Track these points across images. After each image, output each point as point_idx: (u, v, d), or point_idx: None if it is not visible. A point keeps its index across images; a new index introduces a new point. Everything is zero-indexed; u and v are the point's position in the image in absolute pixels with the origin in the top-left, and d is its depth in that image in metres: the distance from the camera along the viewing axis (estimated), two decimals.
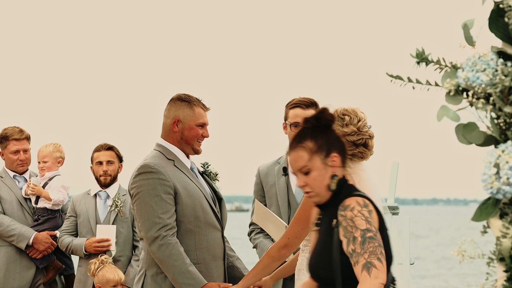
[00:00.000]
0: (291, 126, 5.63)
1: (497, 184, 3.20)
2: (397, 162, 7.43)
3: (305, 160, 3.62)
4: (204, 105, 4.96)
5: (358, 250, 3.48)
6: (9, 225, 6.83)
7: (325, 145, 3.65)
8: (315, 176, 3.62)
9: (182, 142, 4.90)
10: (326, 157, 3.63)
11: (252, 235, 5.86)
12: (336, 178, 3.65)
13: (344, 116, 4.53)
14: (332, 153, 3.65)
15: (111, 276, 6.39)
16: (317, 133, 3.66)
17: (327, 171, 3.63)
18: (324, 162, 3.63)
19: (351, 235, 3.51)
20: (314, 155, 3.62)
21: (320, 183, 3.62)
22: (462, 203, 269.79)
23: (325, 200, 3.66)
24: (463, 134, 3.39)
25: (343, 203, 3.59)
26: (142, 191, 4.73)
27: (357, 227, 3.52)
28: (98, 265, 6.45)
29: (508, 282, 3.24)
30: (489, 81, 3.32)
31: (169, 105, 4.96)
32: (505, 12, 3.33)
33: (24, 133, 7.02)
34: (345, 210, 3.57)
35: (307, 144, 3.64)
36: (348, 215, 3.55)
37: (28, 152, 7.05)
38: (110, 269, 6.44)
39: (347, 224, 3.53)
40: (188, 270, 4.65)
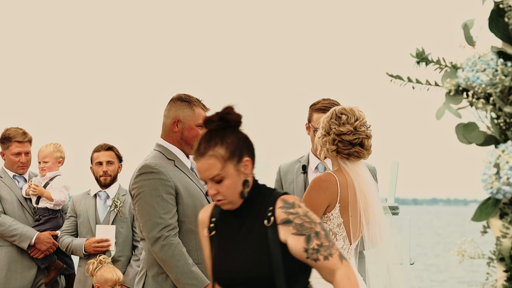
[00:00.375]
0: (315, 131, 5.62)
1: (497, 184, 3.20)
2: (397, 162, 7.44)
3: (218, 169, 3.37)
4: (204, 105, 4.97)
5: (326, 244, 3.36)
6: (11, 225, 6.83)
7: (237, 149, 3.40)
8: (228, 184, 3.39)
9: (182, 142, 4.91)
10: (238, 163, 3.40)
11: None
12: (248, 183, 3.43)
13: (341, 115, 4.54)
14: (244, 157, 3.42)
15: (109, 275, 6.40)
16: (227, 137, 3.39)
17: (240, 178, 3.41)
18: (237, 168, 3.40)
19: (312, 230, 3.36)
20: (226, 162, 3.38)
21: (233, 190, 3.41)
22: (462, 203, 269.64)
23: (237, 206, 3.46)
24: (463, 134, 3.39)
25: (285, 200, 3.42)
26: (144, 192, 4.73)
27: (314, 221, 3.39)
28: (97, 265, 6.46)
29: (508, 282, 3.24)
30: (489, 81, 3.32)
31: (169, 105, 4.97)
32: (505, 12, 3.33)
33: (27, 136, 7.02)
34: (294, 207, 3.40)
35: (218, 152, 3.37)
36: (300, 212, 3.39)
37: (29, 154, 7.06)
38: (108, 268, 6.44)
39: (303, 220, 3.37)
40: (191, 270, 4.65)
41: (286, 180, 5.81)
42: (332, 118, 4.54)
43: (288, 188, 5.77)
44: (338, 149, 4.50)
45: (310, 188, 4.50)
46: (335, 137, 4.50)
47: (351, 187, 4.49)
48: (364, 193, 4.52)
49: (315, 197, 4.46)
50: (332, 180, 4.47)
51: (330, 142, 4.51)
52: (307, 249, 3.36)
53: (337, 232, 4.48)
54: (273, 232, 3.39)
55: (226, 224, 3.52)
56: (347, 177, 4.51)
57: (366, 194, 4.53)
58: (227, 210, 3.49)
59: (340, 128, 4.49)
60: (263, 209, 3.43)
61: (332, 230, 4.49)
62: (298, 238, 3.37)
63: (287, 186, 5.79)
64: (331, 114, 4.57)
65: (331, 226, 4.48)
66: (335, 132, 4.50)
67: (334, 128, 4.50)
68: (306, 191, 4.53)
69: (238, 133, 3.43)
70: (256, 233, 3.42)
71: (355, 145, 4.50)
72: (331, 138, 4.51)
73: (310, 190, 4.49)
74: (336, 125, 4.51)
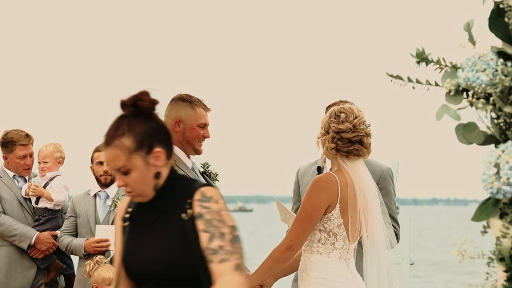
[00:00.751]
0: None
1: (497, 184, 3.20)
2: (397, 162, 7.45)
3: (123, 161, 3.15)
4: (205, 105, 4.97)
5: (228, 248, 3.11)
6: (11, 225, 6.83)
7: (146, 140, 3.16)
8: (135, 176, 3.17)
9: (184, 142, 4.91)
10: (147, 155, 3.16)
11: None
12: (160, 176, 3.20)
13: (340, 113, 4.55)
14: (155, 148, 3.17)
15: (106, 274, 6.41)
16: (136, 126, 3.16)
17: (150, 170, 3.18)
18: (146, 160, 3.16)
19: (218, 230, 3.13)
20: (133, 154, 3.14)
21: (142, 183, 3.18)
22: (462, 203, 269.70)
23: (149, 198, 3.24)
24: (463, 134, 3.40)
25: (203, 193, 3.20)
26: None
27: (225, 222, 3.15)
28: (93, 265, 6.48)
29: (508, 282, 3.25)
30: (489, 81, 3.32)
31: (170, 105, 4.97)
32: (505, 12, 3.34)
33: (31, 138, 7.03)
34: (210, 202, 3.18)
35: (123, 142, 3.15)
36: (214, 208, 3.17)
37: (33, 156, 7.07)
38: (105, 268, 6.46)
39: (212, 217, 3.15)
40: None
41: (303, 182, 5.81)
42: (331, 117, 4.55)
43: (304, 189, 5.77)
44: (337, 147, 4.51)
45: (310, 188, 4.50)
46: (334, 135, 4.50)
47: (351, 187, 4.49)
48: (364, 192, 4.52)
49: (315, 197, 4.46)
50: (332, 180, 4.47)
51: (329, 140, 4.52)
52: (207, 249, 3.14)
53: (337, 233, 4.48)
54: (191, 226, 3.17)
55: (142, 215, 3.31)
56: (347, 177, 4.51)
57: (366, 193, 4.53)
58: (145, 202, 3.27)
59: (339, 126, 4.50)
60: (181, 202, 3.21)
61: (332, 230, 4.48)
62: (204, 235, 3.15)
63: (303, 188, 5.79)
64: (330, 114, 4.57)
65: (331, 227, 4.48)
66: (334, 130, 4.50)
67: (333, 126, 4.51)
68: (306, 192, 4.52)
69: (151, 121, 3.19)
70: (173, 226, 3.21)
71: (354, 143, 4.51)
72: (330, 136, 4.51)
73: (310, 191, 4.49)
74: (335, 123, 4.52)
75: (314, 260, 4.51)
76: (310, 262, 4.52)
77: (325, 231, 4.49)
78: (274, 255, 4.53)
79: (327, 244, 4.49)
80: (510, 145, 3.23)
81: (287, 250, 4.50)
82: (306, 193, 4.52)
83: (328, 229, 4.48)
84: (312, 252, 4.52)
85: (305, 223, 4.45)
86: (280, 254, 4.51)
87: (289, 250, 4.49)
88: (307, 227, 4.45)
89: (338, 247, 4.50)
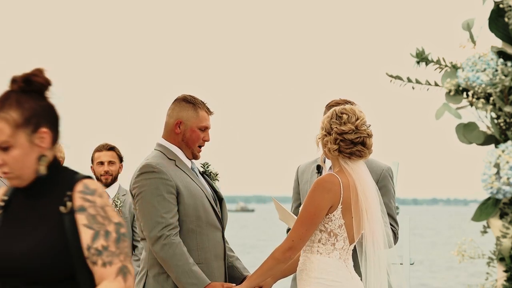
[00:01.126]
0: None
1: (497, 184, 3.21)
2: (397, 162, 7.45)
3: (6, 135, 2.93)
4: (208, 108, 4.95)
5: (112, 249, 2.90)
6: None
7: (34, 117, 2.95)
8: (16, 155, 2.94)
9: (183, 144, 4.90)
10: (33, 133, 2.96)
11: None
12: (45, 159, 2.99)
13: (342, 114, 4.54)
14: (41, 128, 2.97)
15: None
16: (25, 101, 2.96)
17: (33, 150, 2.96)
18: (30, 139, 2.95)
19: (103, 227, 2.91)
20: (18, 129, 2.94)
21: (22, 164, 2.95)
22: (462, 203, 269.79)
23: (27, 182, 3.00)
24: (463, 134, 3.40)
25: (86, 185, 2.98)
26: (145, 191, 4.73)
27: (110, 219, 2.94)
28: None
29: (508, 282, 3.25)
30: (489, 81, 3.32)
31: (173, 104, 4.95)
32: (505, 12, 3.34)
33: None
34: (93, 195, 2.96)
35: (10, 115, 2.94)
36: (98, 202, 2.95)
37: None
38: None
39: (96, 212, 2.93)
40: (192, 270, 4.65)
41: (302, 180, 5.81)
42: (333, 118, 4.54)
43: (303, 187, 5.77)
44: (340, 148, 4.50)
45: (313, 189, 4.50)
46: (337, 136, 4.50)
47: (353, 188, 4.49)
48: (365, 193, 4.52)
49: (318, 198, 4.45)
50: (335, 181, 4.47)
51: (332, 142, 4.51)
52: (90, 247, 2.91)
53: (338, 233, 4.49)
54: (70, 220, 2.93)
55: (17, 205, 3.05)
56: (349, 178, 4.51)
57: (367, 194, 4.53)
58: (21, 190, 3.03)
59: (341, 127, 4.49)
60: (60, 193, 2.97)
61: (333, 231, 4.48)
62: (86, 232, 2.91)
63: (302, 186, 5.79)
64: (331, 114, 4.56)
65: (332, 227, 4.48)
66: (336, 131, 4.50)
67: (335, 128, 4.50)
68: (309, 192, 4.51)
69: (42, 100, 3.00)
70: (49, 219, 2.96)
71: (357, 144, 4.51)
72: (332, 138, 4.51)
73: (313, 191, 4.49)
74: (337, 124, 4.51)
75: (314, 260, 4.51)
76: (310, 262, 4.52)
77: (326, 232, 4.49)
78: (276, 255, 4.53)
79: (328, 244, 4.49)
80: (510, 145, 3.23)
81: (289, 250, 4.50)
82: (308, 194, 4.52)
83: (329, 230, 4.48)
84: (312, 252, 4.52)
85: (307, 224, 4.45)
86: (281, 254, 4.51)
87: (291, 250, 4.50)
88: (309, 227, 4.46)
89: (338, 247, 4.50)
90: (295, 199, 5.83)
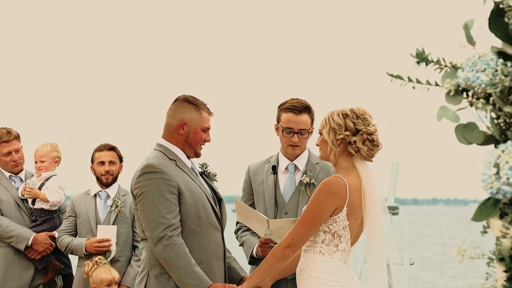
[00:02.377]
0: (284, 131, 5.60)
1: (497, 184, 3.21)
2: (397, 162, 7.44)
3: None
4: (209, 109, 4.96)
5: None
6: (8, 226, 6.82)
7: None
8: None
9: (186, 145, 4.90)
10: None
11: (239, 233, 5.84)
12: None
13: (365, 115, 4.57)
14: None
15: (104, 275, 6.43)
16: None
17: None
18: None
19: None
20: None
21: None
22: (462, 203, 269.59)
23: None
24: (463, 134, 3.40)
25: None
26: (147, 191, 4.72)
27: None
28: (92, 266, 6.49)
29: (508, 282, 3.25)
30: (489, 81, 3.32)
31: (175, 105, 4.93)
32: (505, 12, 3.34)
33: (12, 133, 6.99)
34: None
35: None
36: None
37: (20, 151, 7.03)
38: (104, 268, 6.47)
39: None
40: (194, 271, 4.65)
41: (256, 180, 5.79)
42: (354, 118, 4.54)
43: (258, 188, 5.76)
44: (368, 150, 4.53)
45: (318, 190, 4.49)
46: (366, 137, 4.52)
47: (359, 189, 4.50)
48: (371, 195, 4.53)
49: (323, 200, 4.45)
50: (341, 183, 4.47)
51: (360, 142, 4.52)
52: None
53: (342, 235, 4.49)
54: None
55: None
56: (357, 179, 4.52)
57: (372, 196, 4.53)
58: None
59: (370, 128, 4.53)
60: None
61: (337, 232, 4.49)
62: None
63: (257, 186, 5.77)
64: (351, 114, 4.55)
65: (337, 229, 4.48)
66: (366, 132, 4.52)
67: (363, 128, 4.52)
68: (314, 193, 4.51)
69: None
70: None
71: (376, 146, 4.56)
72: (361, 138, 4.52)
73: (318, 193, 4.48)
74: (363, 125, 4.53)
75: (316, 260, 4.52)
76: (313, 262, 4.53)
77: (329, 233, 4.50)
78: (275, 252, 4.55)
79: (331, 245, 4.50)
80: (510, 145, 3.23)
81: (288, 248, 4.51)
82: (313, 195, 4.51)
83: (333, 231, 4.49)
84: (315, 253, 4.53)
85: (309, 224, 4.46)
86: (281, 252, 4.52)
87: (290, 248, 4.51)
88: (310, 228, 4.46)
89: (341, 248, 4.51)
90: (246, 199, 5.80)
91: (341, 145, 4.58)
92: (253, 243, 5.62)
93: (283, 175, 5.67)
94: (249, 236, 5.71)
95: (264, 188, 5.71)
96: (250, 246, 5.64)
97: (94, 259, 6.53)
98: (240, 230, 5.83)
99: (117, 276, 6.53)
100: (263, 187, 5.72)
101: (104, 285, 6.45)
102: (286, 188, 5.64)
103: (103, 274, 6.45)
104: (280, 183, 5.71)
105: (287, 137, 5.58)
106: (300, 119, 5.54)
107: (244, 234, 5.76)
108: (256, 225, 5.44)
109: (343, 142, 4.57)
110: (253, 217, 5.39)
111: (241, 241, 5.79)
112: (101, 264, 6.51)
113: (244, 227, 5.81)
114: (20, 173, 7.08)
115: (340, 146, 4.57)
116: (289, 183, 5.63)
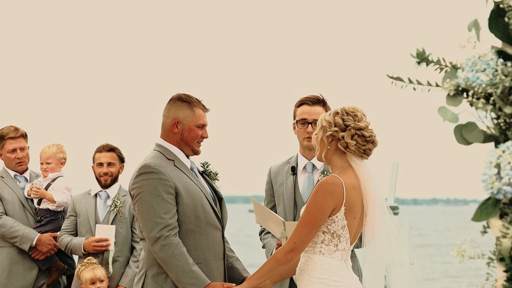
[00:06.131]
0: (298, 123, 5.63)
1: (498, 185, 3.21)
2: (397, 162, 7.44)
3: None
4: (204, 106, 4.96)
5: None
6: (12, 226, 6.83)
7: None
8: None
9: (182, 143, 4.91)
10: None
11: (262, 235, 5.88)
12: None
13: (355, 112, 4.56)
14: None
15: (87, 275, 6.50)
16: None
17: None
18: None
19: None
20: None
21: None
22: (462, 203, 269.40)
23: None
24: (462, 134, 3.40)
25: None
26: (144, 192, 4.73)
27: None
28: (79, 267, 6.54)
29: (508, 282, 3.25)
30: (489, 81, 3.33)
31: (168, 105, 4.96)
32: (505, 12, 3.34)
33: (19, 131, 7.01)
34: None
35: None
36: None
37: (25, 150, 7.04)
38: (88, 268, 6.52)
39: None
40: (192, 270, 4.66)
41: (276, 182, 5.81)
42: (344, 115, 4.54)
43: (278, 189, 5.78)
44: (357, 144, 4.51)
45: (315, 191, 4.49)
46: (355, 132, 4.50)
47: (357, 188, 4.49)
48: (368, 193, 4.52)
49: (321, 200, 4.46)
50: (338, 183, 4.47)
51: (349, 137, 4.51)
52: None
53: (341, 234, 4.50)
54: None
55: None
56: (354, 178, 4.51)
57: (370, 193, 4.53)
58: None
59: (359, 124, 4.51)
60: None
61: (336, 232, 4.49)
62: None
63: (277, 188, 5.79)
64: (340, 112, 4.55)
65: (335, 228, 4.49)
66: (354, 127, 4.50)
67: (352, 124, 4.51)
68: (312, 194, 4.51)
69: None
70: None
71: (369, 142, 4.54)
72: (350, 133, 4.50)
73: (316, 194, 4.49)
74: (352, 121, 4.52)
75: (316, 260, 4.52)
76: (313, 262, 4.53)
77: (329, 233, 4.50)
78: (278, 256, 4.54)
79: (331, 245, 4.51)
80: (510, 145, 3.24)
81: (291, 252, 4.51)
82: (311, 196, 4.52)
83: (332, 231, 4.49)
84: (315, 253, 4.53)
85: (310, 226, 4.46)
86: (283, 256, 4.52)
87: (293, 252, 4.50)
88: (311, 229, 4.47)
89: (340, 248, 4.51)
90: (268, 201, 5.82)
91: (332, 142, 4.57)
92: (272, 245, 5.65)
93: (302, 176, 5.70)
94: (269, 239, 5.75)
95: (284, 189, 5.74)
96: (270, 249, 5.67)
97: (85, 261, 6.56)
98: (263, 232, 5.86)
99: (100, 274, 6.53)
100: (283, 188, 5.75)
101: (89, 284, 6.49)
102: (305, 188, 5.67)
103: (86, 274, 6.50)
104: (299, 183, 5.74)
105: (302, 129, 5.62)
106: (314, 110, 5.59)
107: (266, 237, 5.80)
108: (272, 226, 5.46)
109: (333, 140, 4.57)
110: (270, 218, 5.41)
111: (263, 243, 5.84)
112: (90, 265, 6.54)
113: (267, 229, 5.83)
114: (25, 172, 7.09)
115: (331, 144, 4.57)
116: (307, 184, 5.65)
